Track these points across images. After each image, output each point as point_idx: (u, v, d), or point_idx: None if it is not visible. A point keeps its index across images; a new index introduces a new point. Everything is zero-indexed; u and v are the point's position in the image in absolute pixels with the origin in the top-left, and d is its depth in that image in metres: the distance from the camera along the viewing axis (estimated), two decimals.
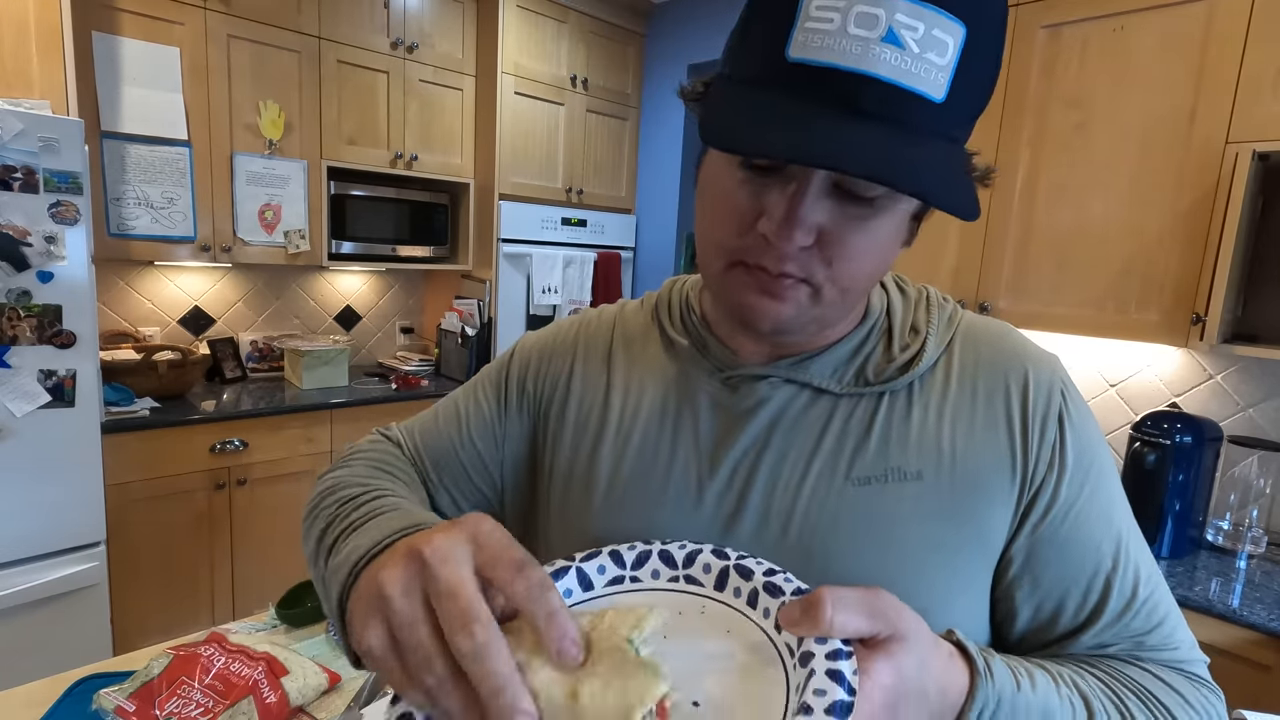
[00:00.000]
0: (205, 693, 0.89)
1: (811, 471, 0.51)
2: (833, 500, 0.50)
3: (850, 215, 0.44)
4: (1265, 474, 1.74)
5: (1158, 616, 0.51)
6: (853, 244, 0.45)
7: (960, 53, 0.40)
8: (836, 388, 0.53)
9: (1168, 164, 1.68)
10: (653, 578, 0.45)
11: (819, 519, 0.50)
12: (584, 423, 0.59)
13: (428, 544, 0.36)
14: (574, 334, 0.64)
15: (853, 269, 0.46)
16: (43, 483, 1.85)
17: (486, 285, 3.02)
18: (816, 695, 0.32)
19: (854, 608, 0.36)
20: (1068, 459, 0.50)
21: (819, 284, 0.46)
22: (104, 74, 2.18)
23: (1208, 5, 1.61)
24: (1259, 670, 1.39)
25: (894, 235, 0.47)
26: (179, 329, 2.73)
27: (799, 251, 0.44)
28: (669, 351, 0.59)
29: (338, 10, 2.61)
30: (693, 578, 0.44)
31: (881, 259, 0.47)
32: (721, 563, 0.43)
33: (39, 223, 1.76)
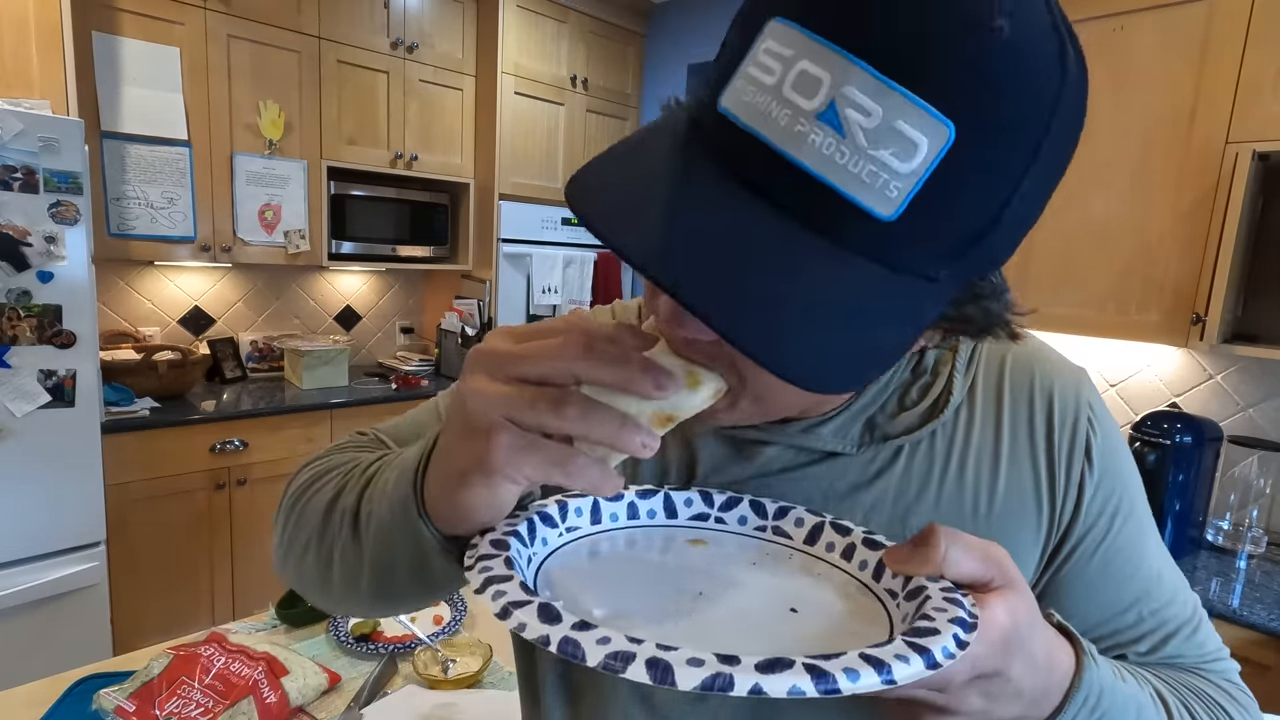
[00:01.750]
0: (205, 693, 0.89)
1: None
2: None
3: None
4: (1265, 474, 1.74)
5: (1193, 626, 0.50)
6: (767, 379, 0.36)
7: (937, 163, 0.28)
8: (849, 450, 0.47)
9: (1168, 164, 1.68)
10: (739, 523, 0.45)
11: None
12: None
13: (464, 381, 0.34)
14: None
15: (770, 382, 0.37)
16: (43, 483, 1.85)
17: (486, 285, 3.02)
18: (937, 611, 0.31)
19: (969, 549, 0.34)
20: (1097, 495, 0.47)
21: (733, 388, 0.37)
22: (104, 74, 2.18)
23: (1208, 5, 1.61)
24: (1259, 670, 1.39)
25: None
26: (179, 329, 2.73)
27: (702, 344, 0.35)
28: None
29: (338, 10, 2.61)
30: (781, 529, 0.43)
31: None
32: (815, 519, 0.43)
33: (39, 223, 1.76)
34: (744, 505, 0.45)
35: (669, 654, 0.27)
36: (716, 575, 0.39)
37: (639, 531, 0.44)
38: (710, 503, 0.46)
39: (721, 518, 0.45)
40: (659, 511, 0.46)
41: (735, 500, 0.46)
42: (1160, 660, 0.49)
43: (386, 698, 0.96)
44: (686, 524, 0.45)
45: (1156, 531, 0.51)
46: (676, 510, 0.46)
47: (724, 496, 0.46)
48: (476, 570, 0.33)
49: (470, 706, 0.93)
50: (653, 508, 0.46)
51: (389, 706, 0.93)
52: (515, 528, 0.38)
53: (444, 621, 1.15)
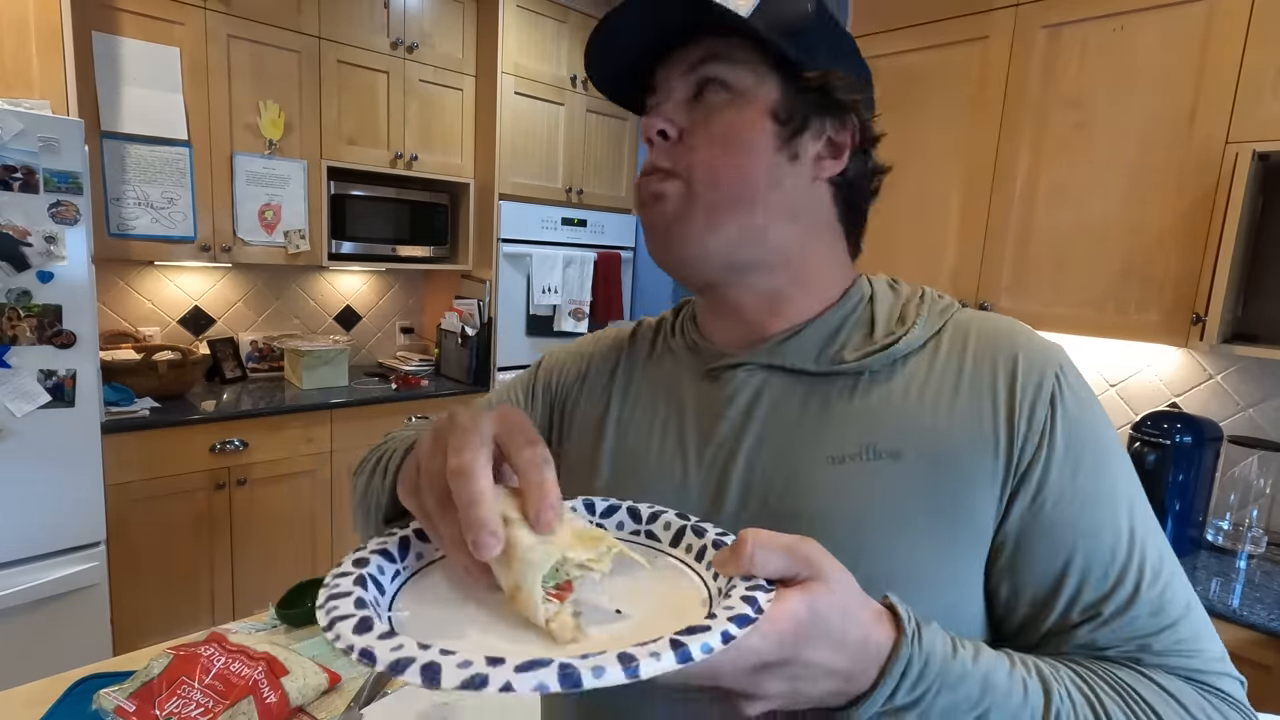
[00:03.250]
0: (205, 693, 0.89)
1: (787, 454, 0.53)
2: (808, 479, 0.52)
3: (704, 108, 0.53)
4: (1265, 474, 1.74)
5: (1168, 617, 0.48)
6: (709, 128, 0.53)
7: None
8: (813, 367, 0.55)
9: (1168, 164, 1.68)
10: (617, 528, 0.49)
11: (795, 498, 0.52)
12: (587, 424, 0.65)
13: (465, 410, 0.42)
14: (590, 348, 0.71)
15: (714, 151, 0.53)
16: (43, 483, 1.85)
17: (486, 285, 3.02)
18: (725, 610, 0.35)
19: (776, 548, 0.38)
20: (1058, 441, 0.49)
21: (686, 172, 0.53)
22: (104, 74, 2.18)
23: (1208, 5, 1.61)
24: (1259, 670, 1.39)
25: (755, 130, 0.53)
26: (179, 329, 2.73)
27: (663, 145, 0.54)
28: (667, 358, 0.65)
29: (338, 10, 2.61)
30: (652, 533, 0.48)
31: (745, 148, 0.53)
32: (681, 523, 0.47)
33: (39, 223, 1.77)
34: (622, 511, 0.49)
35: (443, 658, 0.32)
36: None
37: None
38: (592, 510, 0.50)
39: (601, 524, 0.49)
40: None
41: (614, 508, 0.50)
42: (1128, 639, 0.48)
43: (386, 698, 0.96)
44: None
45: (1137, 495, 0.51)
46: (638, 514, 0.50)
47: (606, 504, 0.50)
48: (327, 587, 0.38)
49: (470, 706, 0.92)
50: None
51: (389, 706, 0.93)
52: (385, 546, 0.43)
53: None
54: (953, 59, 2.02)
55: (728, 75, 0.52)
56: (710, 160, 0.53)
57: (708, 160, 0.53)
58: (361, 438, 2.65)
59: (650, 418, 0.61)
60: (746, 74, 0.53)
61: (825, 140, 0.55)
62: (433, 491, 0.40)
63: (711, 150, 0.53)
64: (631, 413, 0.63)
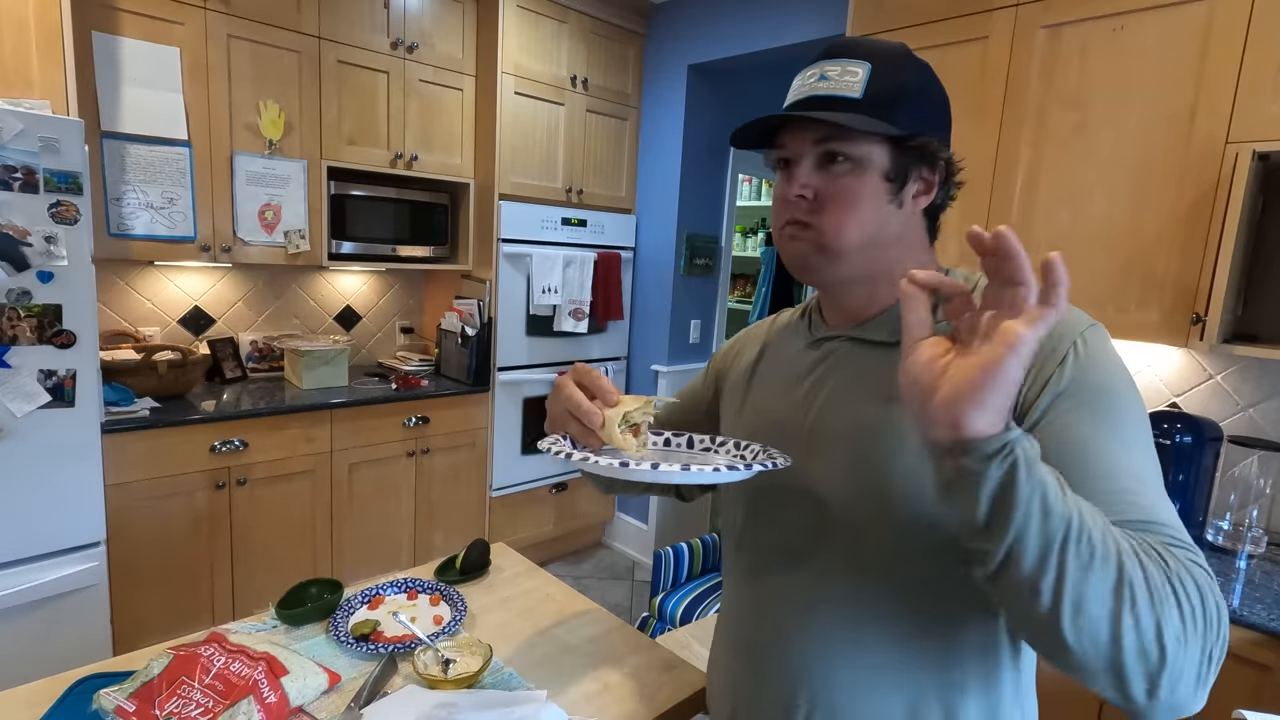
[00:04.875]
0: (205, 693, 0.89)
1: (854, 394, 0.76)
2: (863, 412, 0.74)
3: (831, 175, 0.72)
4: (1265, 474, 1.74)
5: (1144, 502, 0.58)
6: (834, 194, 0.72)
7: (869, 74, 0.70)
8: (886, 338, 0.76)
9: (1168, 164, 1.68)
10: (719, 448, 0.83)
11: (854, 426, 0.74)
12: (738, 383, 0.94)
13: (559, 376, 0.79)
14: (743, 335, 1.01)
15: (837, 212, 0.72)
16: (43, 483, 1.85)
17: (486, 285, 3.02)
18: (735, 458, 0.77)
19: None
20: (1062, 381, 0.62)
21: (818, 226, 0.73)
22: (104, 74, 2.18)
23: (1208, 5, 1.61)
24: (1259, 670, 1.39)
25: (871, 190, 0.71)
26: (179, 329, 2.73)
27: (803, 203, 0.73)
28: (793, 333, 0.90)
29: (338, 10, 2.61)
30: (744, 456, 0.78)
31: (865, 208, 0.72)
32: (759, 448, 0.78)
33: (39, 223, 1.77)
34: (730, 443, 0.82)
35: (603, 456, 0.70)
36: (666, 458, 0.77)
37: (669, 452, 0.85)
38: (713, 440, 0.84)
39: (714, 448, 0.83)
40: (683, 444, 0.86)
41: (725, 441, 0.83)
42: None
43: (386, 698, 0.96)
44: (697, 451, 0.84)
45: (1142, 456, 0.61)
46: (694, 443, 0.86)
47: (721, 438, 0.84)
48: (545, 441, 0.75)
49: (470, 706, 0.92)
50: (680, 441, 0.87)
51: (389, 706, 0.93)
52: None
53: (444, 621, 1.15)
54: (953, 59, 2.02)
55: (849, 150, 0.71)
56: (838, 220, 0.72)
57: (836, 220, 0.72)
58: (361, 438, 2.65)
59: (774, 375, 0.88)
60: (863, 144, 0.70)
61: (921, 182, 0.74)
62: (560, 417, 0.77)
63: (839, 212, 0.72)
64: (764, 374, 0.90)
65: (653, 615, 2.37)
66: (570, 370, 0.78)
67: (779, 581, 0.80)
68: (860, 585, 0.73)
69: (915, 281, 0.52)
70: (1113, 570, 0.50)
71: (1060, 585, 0.49)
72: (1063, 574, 0.49)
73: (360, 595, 1.21)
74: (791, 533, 0.79)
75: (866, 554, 0.72)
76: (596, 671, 1.06)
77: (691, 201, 3.36)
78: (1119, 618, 0.49)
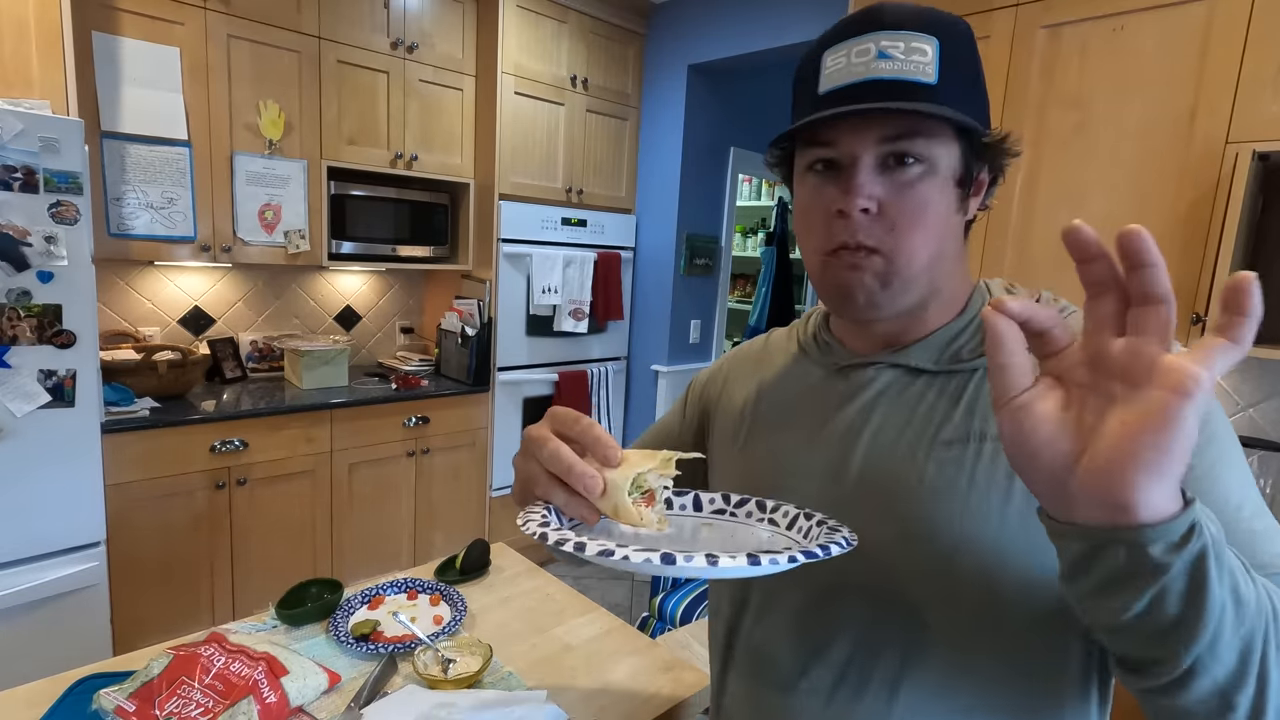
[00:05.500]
0: (205, 693, 0.89)
1: (904, 438, 0.61)
2: (920, 461, 0.60)
3: (899, 183, 0.56)
4: (1265, 474, 1.74)
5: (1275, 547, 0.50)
6: (907, 207, 0.56)
7: (939, 52, 0.56)
8: (933, 366, 0.63)
9: (1168, 164, 1.68)
10: (745, 515, 0.62)
11: (908, 477, 0.60)
12: (730, 419, 0.78)
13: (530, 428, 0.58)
14: (728, 361, 0.84)
15: (913, 229, 0.57)
16: (43, 483, 1.85)
17: (486, 285, 3.02)
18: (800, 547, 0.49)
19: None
20: None
21: (889, 251, 0.57)
22: (104, 74, 2.18)
23: (1208, 5, 1.61)
24: None
25: (944, 199, 0.58)
26: (179, 329, 2.73)
27: (865, 220, 0.57)
28: (802, 358, 0.74)
29: (338, 10, 2.61)
30: (774, 520, 0.60)
31: (938, 221, 0.58)
32: (797, 511, 0.59)
33: (39, 223, 1.76)
34: (750, 504, 0.62)
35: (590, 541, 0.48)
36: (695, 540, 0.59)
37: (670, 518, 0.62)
38: (728, 500, 0.63)
39: (734, 512, 0.62)
40: (688, 506, 0.64)
41: (745, 500, 0.63)
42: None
43: (386, 698, 0.96)
44: (707, 517, 0.63)
45: (1247, 476, 0.53)
46: (702, 506, 0.64)
47: (738, 496, 0.63)
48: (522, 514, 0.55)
49: (470, 706, 0.92)
50: (683, 503, 0.64)
51: (389, 706, 0.93)
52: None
53: (444, 621, 1.15)
54: None
55: (923, 150, 0.56)
56: (911, 239, 0.57)
57: (909, 238, 0.57)
58: (361, 438, 2.65)
59: (783, 407, 0.72)
60: (937, 145, 0.57)
61: (976, 183, 0.62)
62: (539, 482, 0.55)
63: (912, 229, 0.57)
64: (769, 406, 0.73)
65: (653, 615, 2.37)
66: (547, 417, 0.57)
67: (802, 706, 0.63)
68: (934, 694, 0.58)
69: (1005, 311, 0.38)
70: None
71: (1262, 696, 0.38)
72: (1265, 681, 0.38)
73: (360, 595, 1.21)
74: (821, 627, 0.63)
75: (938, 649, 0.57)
76: (596, 671, 1.06)
77: (691, 201, 3.36)
78: None
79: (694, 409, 0.85)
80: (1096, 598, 0.39)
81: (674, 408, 0.89)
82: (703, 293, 3.54)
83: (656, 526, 0.55)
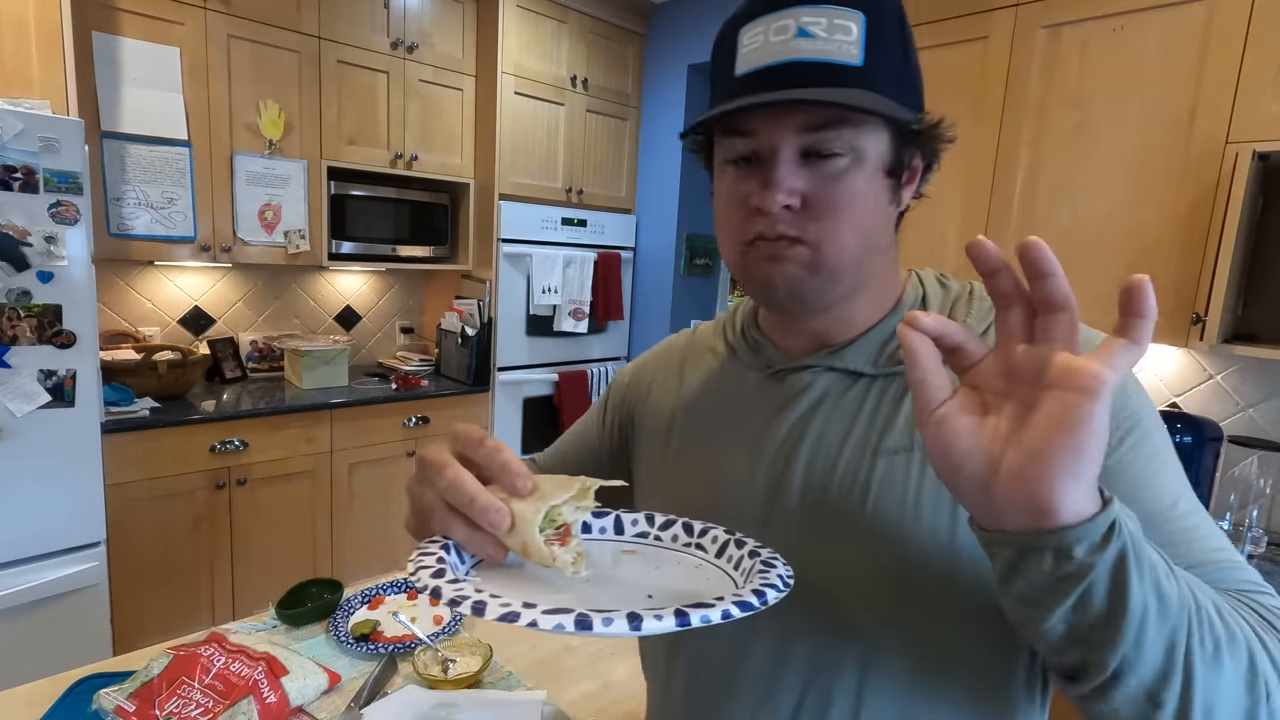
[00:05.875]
0: (205, 693, 0.89)
1: (846, 446, 0.57)
2: (864, 471, 0.56)
3: (824, 175, 0.52)
4: (1265, 474, 1.74)
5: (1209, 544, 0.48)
6: (833, 201, 0.53)
7: (865, 31, 0.51)
8: (871, 369, 0.59)
9: (1168, 164, 1.68)
10: (671, 540, 0.55)
11: (852, 491, 0.56)
12: (657, 425, 0.71)
13: (426, 449, 0.49)
14: (652, 359, 0.78)
15: (840, 224, 0.53)
16: (43, 483, 1.85)
17: (486, 285, 3.02)
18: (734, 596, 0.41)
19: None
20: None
21: (814, 241, 0.54)
22: (104, 74, 2.18)
23: (1208, 5, 1.61)
24: None
25: (873, 190, 0.54)
26: (179, 329, 2.73)
27: (787, 214, 0.53)
28: (732, 359, 0.68)
29: (338, 10, 2.61)
30: (702, 546, 0.54)
31: (868, 214, 0.54)
32: (727, 537, 0.53)
33: (39, 223, 1.76)
34: (677, 526, 0.56)
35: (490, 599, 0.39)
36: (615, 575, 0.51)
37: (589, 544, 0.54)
38: (651, 522, 0.57)
39: (659, 535, 0.56)
40: (609, 529, 0.57)
41: (671, 522, 0.56)
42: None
43: (386, 698, 0.96)
44: (631, 542, 0.56)
45: (1181, 474, 0.52)
46: (624, 528, 0.57)
47: (664, 518, 0.56)
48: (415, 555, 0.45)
49: (470, 706, 0.92)
50: (603, 526, 0.57)
51: (389, 706, 0.93)
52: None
53: (444, 621, 1.15)
54: (953, 59, 2.02)
55: (849, 141, 0.52)
56: (837, 230, 0.53)
57: (834, 230, 0.53)
58: (361, 438, 2.65)
59: (716, 415, 0.66)
60: (865, 134, 0.52)
61: (908, 172, 0.58)
62: (436, 514, 0.48)
63: (838, 220, 0.53)
64: (697, 413, 0.68)
65: None
66: (448, 437, 0.50)
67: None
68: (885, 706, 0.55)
69: (918, 327, 0.39)
70: (1242, 657, 0.39)
71: (1188, 693, 0.38)
72: (1190, 678, 0.38)
73: (360, 595, 1.21)
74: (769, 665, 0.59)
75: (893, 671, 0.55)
76: (596, 671, 1.06)
77: (691, 201, 3.36)
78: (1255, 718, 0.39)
79: (615, 414, 0.78)
80: (1027, 604, 0.39)
81: (593, 411, 0.81)
82: (703, 293, 3.54)
83: (571, 570, 0.47)
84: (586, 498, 0.49)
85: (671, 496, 0.66)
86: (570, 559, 0.47)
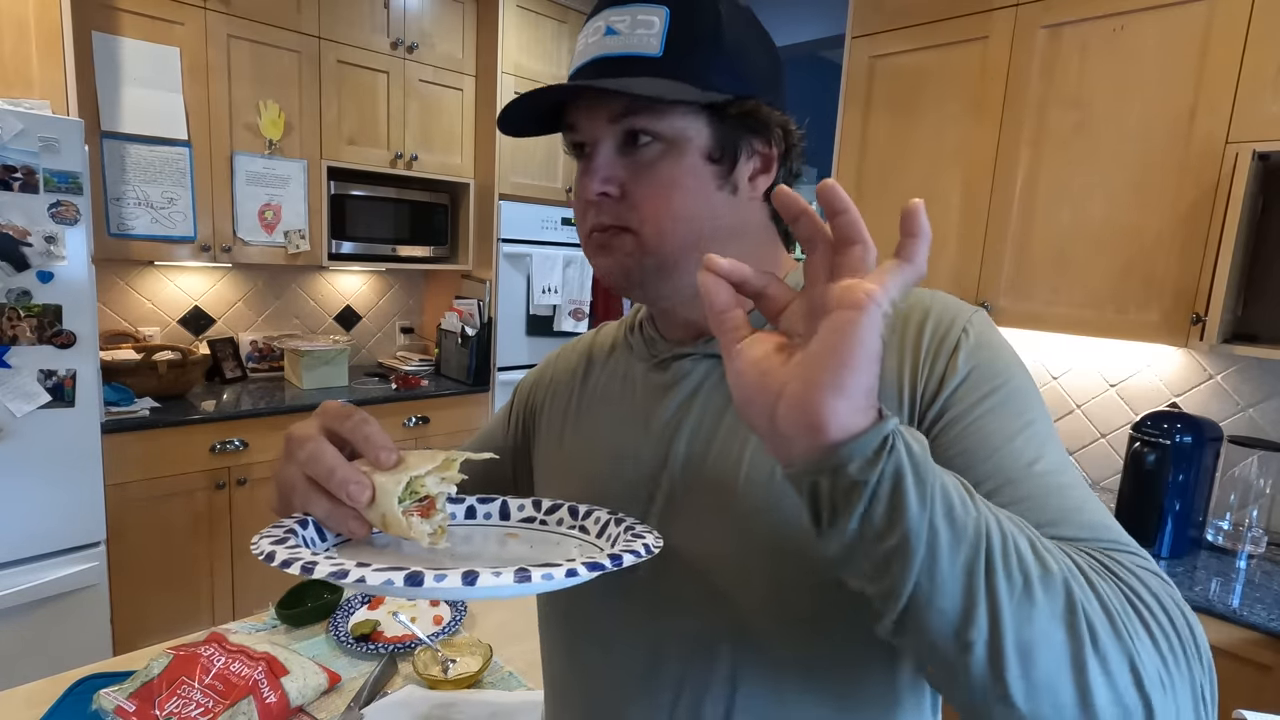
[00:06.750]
0: (205, 693, 0.89)
1: (722, 426, 0.59)
2: (736, 447, 0.57)
3: (638, 163, 0.55)
4: (1265, 474, 1.74)
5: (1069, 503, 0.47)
6: (649, 188, 0.55)
7: (669, 21, 0.54)
8: None
9: (1168, 164, 1.68)
10: (556, 524, 0.56)
11: (729, 472, 0.57)
12: (554, 420, 0.74)
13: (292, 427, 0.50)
14: (555, 359, 0.80)
15: (659, 206, 0.55)
16: (43, 483, 1.85)
17: (486, 285, 3.02)
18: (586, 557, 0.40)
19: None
20: (958, 373, 0.51)
21: (636, 227, 0.56)
22: (104, 74, 2.18)
23: (1208, 5, 1.61)
24: (1259, 670, 1.39)
25: (693, 177, 0.55)
26: (179, 329, 2.73)
27: (610, 203, 0.56)
28: (626, 352, 0.71)
29: (338, 10, 2.61)
30: (585, 528, 0.55)
31: (690, 200, 0.56)
32: (609, 517, 0.54)
33: (39, 223, 1.77)
34: (562, 510, 0.57)
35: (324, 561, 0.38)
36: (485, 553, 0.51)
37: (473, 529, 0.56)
38: (539, 508, 0.58)
39: (544, 520, 0.57)
40: (494, 515, 0.58)
41: (556, 507, 0.57)
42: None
43: (386, 698, 0.96)
44: (515, 526, 0.57)
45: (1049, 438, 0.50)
46: (510, 514, 0.58)
47: (551, 503, 0.58)
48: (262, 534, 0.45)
49: (470, 706, 0.93)
50: (488, 511, 0.58)
51: (389, 706, 0.93)
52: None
53: (444, 621, 1.15)
54: (953, 59, 2.03)
55: (656, 126, 0.54)
56: (657, 216, 0.55)
57: (654, 216, 0.55)
58: None
59: (607, 405, 0.68)
60: (674, 119, 0.54)
61: (757, 158, 0.58)
62: (297, 489, 0.48)
63: (656, 205, 0.55)
64: (591, 403, 0.70)
65: None
66: (318, 412, 0.51)
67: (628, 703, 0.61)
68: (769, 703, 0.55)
69: (714, 269, 0.40)
70: (1058, 595, 0.37)
71: (996, 631, 0.36)
72: (996, 611, 0.36)
73: (360, 595, 1.21)
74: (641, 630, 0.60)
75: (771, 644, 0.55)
76: None
77: None
78: (1082, 664, 0.36)
79: (519, 413, 0.79)
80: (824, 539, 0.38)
81: (499, 414, 0.84)
82: None
83: (429, 540, 0.45)
84: (451, 468, 0.49)
85: (563, 480, 0.69)
86: (429, 530, 0.46)
